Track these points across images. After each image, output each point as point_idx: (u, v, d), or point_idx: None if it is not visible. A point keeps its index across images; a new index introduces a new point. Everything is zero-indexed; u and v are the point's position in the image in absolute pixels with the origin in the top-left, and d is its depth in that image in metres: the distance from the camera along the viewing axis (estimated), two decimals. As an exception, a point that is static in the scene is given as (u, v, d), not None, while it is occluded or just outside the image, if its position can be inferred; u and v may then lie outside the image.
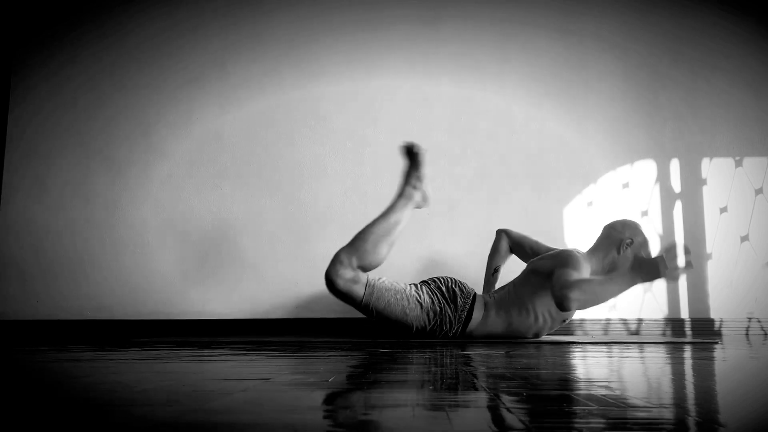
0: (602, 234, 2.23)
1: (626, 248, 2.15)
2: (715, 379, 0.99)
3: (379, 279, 2.14)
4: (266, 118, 2.88)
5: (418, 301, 2.11)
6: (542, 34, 2.93)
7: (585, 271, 2.03)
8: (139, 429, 0.56)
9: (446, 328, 2.11)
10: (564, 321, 2.18)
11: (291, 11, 2.95)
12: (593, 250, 2.19)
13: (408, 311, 2.09)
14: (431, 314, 2.11)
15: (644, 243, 2.17)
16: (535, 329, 2.15)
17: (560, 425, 0.58)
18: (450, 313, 2.11)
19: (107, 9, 2.96)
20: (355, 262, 2.08)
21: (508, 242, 2.40)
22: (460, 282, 2.19)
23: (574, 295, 1.88)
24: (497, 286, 2.39)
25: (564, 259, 2.03)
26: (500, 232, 2.43)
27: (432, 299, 2.12)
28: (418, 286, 2.18)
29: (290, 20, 2.95)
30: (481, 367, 1.13)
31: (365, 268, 2.11)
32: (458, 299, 2.13)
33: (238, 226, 2.81)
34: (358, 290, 2.08)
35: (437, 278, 2.21)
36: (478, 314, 2.14)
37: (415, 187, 2.18)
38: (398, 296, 2.10)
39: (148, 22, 2.95)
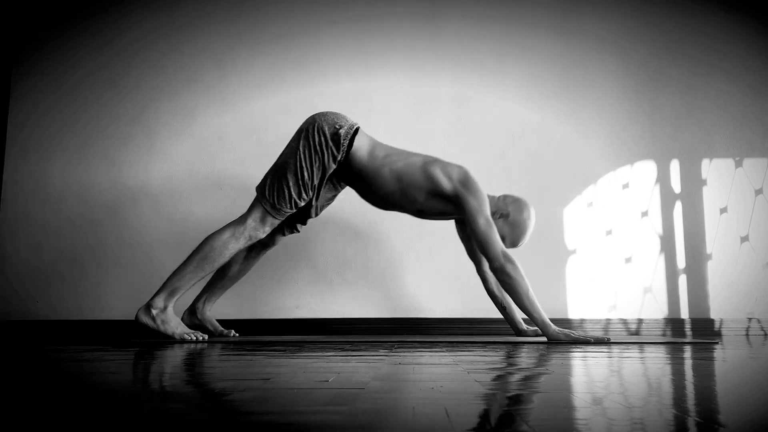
0: (499, 197, 2.25)
1: (498, 217, 2.20)
2: (715, 379, 0.99)
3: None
4: (266, 118, 2.88)
5: (296, 163, 2.14)
6: (542, 34, 2.93)
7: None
8: (139, 429, 0.56)
9: (329, 162, 2.12)
10: (418, 212, 2.21)
11: (291, 10, 2.95)
12: (491, 197, 2.24)
13: (292, 173, 2.14)
14: (309, 156, 2.13)
15: (516, 225, 2.18)
16: (386, 193, 2.16)
17: (560, 425, 0.58)
18: (332, 145, 2.12)
19: (108, 7, 2.96)
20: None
21: (485, 276, 2.39)
22: (338, 116, 2.19)
23: (509, 268, 2.00)
24: (519, 316, 2.40)
25: (477, 196, 2.09)
26: (479, 275, 2.43)
27: (313, 138, 2.14)
28: (298, 137, 2.19)
29: (290, 19, 2.95)
30: (480, 366, 1.13)
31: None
32: (341, 131, 2.13)
33: (238, 226, 2.80)
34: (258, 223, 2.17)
35: (314, 118, 2.20)
36: (361, 143, 2.15)
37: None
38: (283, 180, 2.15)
39: (148, 20, 2.95)
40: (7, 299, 2.76)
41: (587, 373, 1.07)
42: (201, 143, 2.87)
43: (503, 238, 2.19)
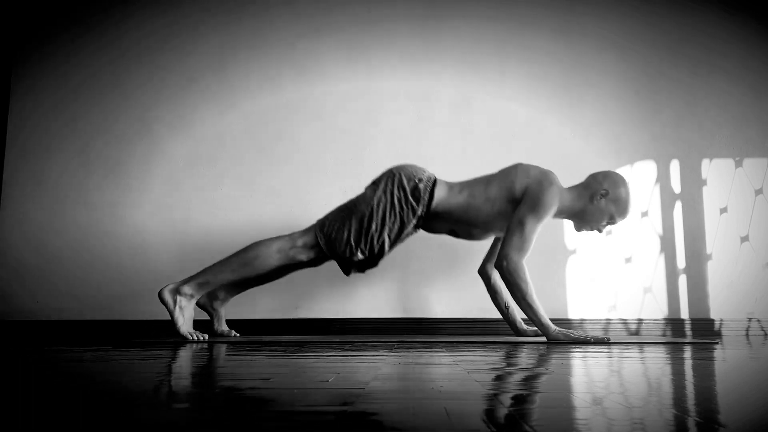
0: (584, 180, 2.21)
1: (600, 198, 2.14)
2: (715, 379, 0.99)
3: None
4: (266, 118, 2.88)
5: (373, 202, 2.16)
6: (542, 34, 2.93)
7: (550, 210, 2.07)
8: (139, 430, 0.56)
9: (409, 216, 2.15)
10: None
11: (291, 10, 2.95)
12: (570, 189, 2.19)
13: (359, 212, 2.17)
14: (388, 206, 2.15)
15: (619, 199, 2.13)
16: (486, 219, 2.17)
17: (560, 425, 0.58)
18: (413, 200, 2.15)
19: (109, 8, 2.96)
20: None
21: (489, 272, 2.39)
22: (416, 169, 2.21)
23: (507, 269, 2.02)
24: (519, 317, 2.40)
25: (536, 197, 2.06)
26: (480, 274, 2.43)
27: (391, 192, 2.16)
28: (376, 187, 2.20)
29: (290, 19, 2.95)
30: (480, 366, 1.13)
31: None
32: (420, 185, 2.15)
33: (238, 226, 2.81)
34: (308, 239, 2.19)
35: (393, 171, 2.21)
36: (441, 193, 2.18)
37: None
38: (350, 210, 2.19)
39: (148, 20, 2.95)
40: (7, 299, 2.76)
41: (587, 373, 1.07)
42: (201, 143, 2.87)
43: (611, 216, 2.15)
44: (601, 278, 2.76)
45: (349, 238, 2.15)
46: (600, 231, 2.22)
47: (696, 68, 2.92)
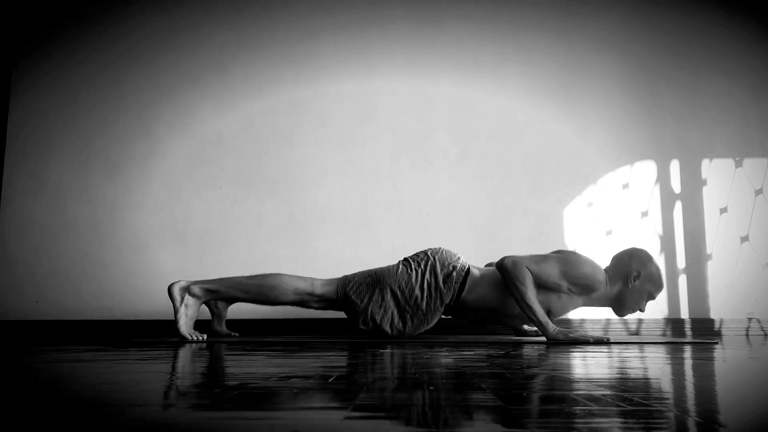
0: (609, 265, 2.19)
1: (634, 280, 2.12)
2: (715, 379, 0.99)
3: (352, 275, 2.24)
4: (266, 118, 2.88)
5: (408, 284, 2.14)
6: (542, 34, 2.93)
7: (583, 278, 2.05)
8: (138, 430, 0.56)
9: (437, 304, 2.13)
10: (549, 312, 2.13)
11: (291, 11, 2.95)
12: (607, 272, 2.16)
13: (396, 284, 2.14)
14: (423, 288, 2.13)
15: (653, 275, 2.12)
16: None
17: (560, 425, 0.58)
18: (443, 287, 2.12)
19: (108, 8, 2.96)
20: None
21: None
22: (451, 255, 2.19)
23: (506, 268, 2.00)
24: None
25: (573, 261, 2.05)
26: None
27: (422, 274, 2.15)
28: (409, 265, 2.19)
29: (290, 20, 2.95)
30: (481, 366, 1.13)
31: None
32: (453, 273, 2.14)
33: (238, 226, 2.81)
34: (327, 291, 2.19)
35: (428, 255, 2.20)
36: (472, 282, 2.15)
37: None
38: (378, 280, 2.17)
39: (148, 20, 2.95)
40: (7, 299, 2.76)
41: (587, 373, 1.07)
42: (201, 143, 2.87)
43: (650, 294, 2.13)
44: (601, 278, 2.75)
45: (367, 307, 2.14)
46: (643, 310, 2.18)
47: (696, 68, 2.92)
